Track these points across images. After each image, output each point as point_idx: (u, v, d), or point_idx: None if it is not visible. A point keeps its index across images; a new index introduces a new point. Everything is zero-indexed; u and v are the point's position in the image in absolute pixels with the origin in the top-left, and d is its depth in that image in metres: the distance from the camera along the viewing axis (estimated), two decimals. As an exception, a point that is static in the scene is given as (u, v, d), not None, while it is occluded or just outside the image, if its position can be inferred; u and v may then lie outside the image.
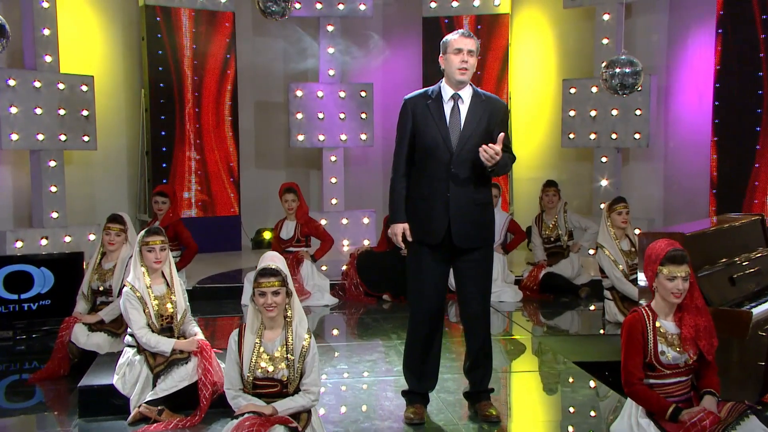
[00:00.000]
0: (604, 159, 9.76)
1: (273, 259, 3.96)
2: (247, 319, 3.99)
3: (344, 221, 10.46)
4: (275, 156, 11.28)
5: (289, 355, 3.87)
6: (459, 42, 4.24)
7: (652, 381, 3.82)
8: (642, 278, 4.64)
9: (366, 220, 10.62)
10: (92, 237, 8.95)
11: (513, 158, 4.40)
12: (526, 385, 5.31)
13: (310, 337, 3.93)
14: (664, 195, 9.91)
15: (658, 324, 3.82)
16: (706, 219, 8.45)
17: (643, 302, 6.40)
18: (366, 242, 10.47)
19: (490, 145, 4.11)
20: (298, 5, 10.10)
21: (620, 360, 3.81)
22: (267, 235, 10.70)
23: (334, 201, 10.57)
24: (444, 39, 4.33)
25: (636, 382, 3.78)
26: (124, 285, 4.74)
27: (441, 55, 4.33)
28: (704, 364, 3.84)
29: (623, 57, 7.00)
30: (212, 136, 10.31)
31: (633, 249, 6.72)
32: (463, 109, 4.28)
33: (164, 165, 10.00)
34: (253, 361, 3.87)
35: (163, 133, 9.99)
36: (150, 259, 4.74)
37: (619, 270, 6.58)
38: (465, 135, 4.24)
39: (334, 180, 10.56)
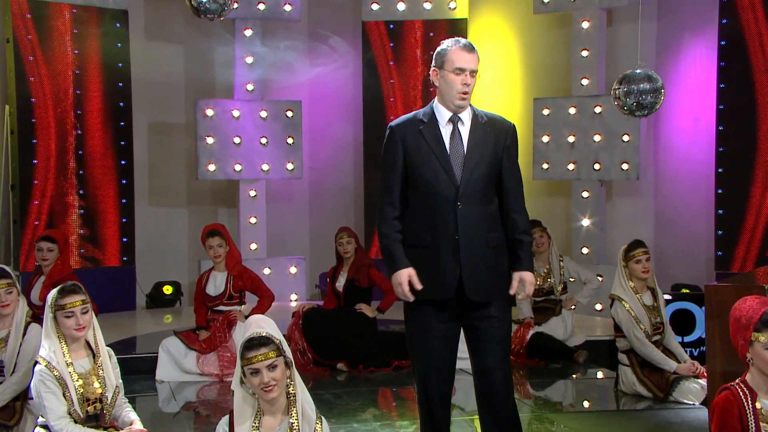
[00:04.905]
0: (585, 194, 9.56)
1: (260, 324, 3.58)
2: (234, 408, 3.53)
3: (266, 271, 9.96)
4: (175, 191, 10.75)
5: None
6: (462, 60, 4.05)
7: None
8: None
9: (293, 270, 10.23)
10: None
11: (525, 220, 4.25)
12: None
13: (321, 422, 3.56)
14: (655, 236, 9.76)
15: (758, 405, 3.51)
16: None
17: (669, 367, 6.28)
18: (294, 296, 10.05)
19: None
20: (236, 5, 9.64)
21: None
22: (167, 290, 10.12)
23: (253, 246, 10.11)
24: (440, 49, 4.14)
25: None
26: (36, 361, 4.19)
27: (434, 67, 4.14)
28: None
29: (639, 71, 6.88)
30: (99, 165, 9.67)
31: (656, 304, 6.43)
32: (464, 132, 4.14)
33: (36, 202, 9.31)
34: None
35: (34, 161, 9.31)
36: (69, 326, 4.23)
37: (641, 330, 6.28)
38: (470, 163, 4.09)
39: (253, 220, 10.12)
